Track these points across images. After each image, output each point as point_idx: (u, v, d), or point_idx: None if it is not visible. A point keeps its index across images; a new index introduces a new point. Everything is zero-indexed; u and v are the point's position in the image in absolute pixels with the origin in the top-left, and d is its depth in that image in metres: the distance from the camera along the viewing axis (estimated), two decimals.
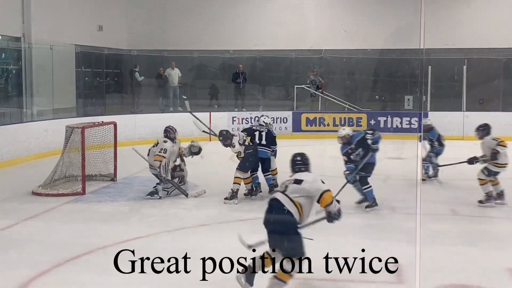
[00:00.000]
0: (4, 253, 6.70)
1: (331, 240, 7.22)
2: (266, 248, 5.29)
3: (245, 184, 9.57)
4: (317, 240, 7.21)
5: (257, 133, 9.89)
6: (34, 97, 16.33)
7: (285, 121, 18.72)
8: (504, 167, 9.13)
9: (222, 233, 7.67)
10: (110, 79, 20.40)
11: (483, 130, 9.41)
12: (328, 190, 5.26)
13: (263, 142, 9.86)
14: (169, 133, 9.77)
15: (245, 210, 8.83)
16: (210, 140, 17.21)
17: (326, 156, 14.30)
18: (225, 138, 9.70)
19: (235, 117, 18.22)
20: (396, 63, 21.70)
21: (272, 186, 9.72)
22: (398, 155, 11.11)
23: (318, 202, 5.29)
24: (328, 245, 7.00)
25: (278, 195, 5.34)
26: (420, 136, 11.05)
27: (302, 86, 20.14)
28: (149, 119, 16.95)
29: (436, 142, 11.19)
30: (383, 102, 21.03)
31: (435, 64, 18.85)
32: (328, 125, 18.75)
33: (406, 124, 18.46)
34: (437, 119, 17.78)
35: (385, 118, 18.56)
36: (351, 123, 18.67)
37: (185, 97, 19.81)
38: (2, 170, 11.90)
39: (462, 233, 7.66)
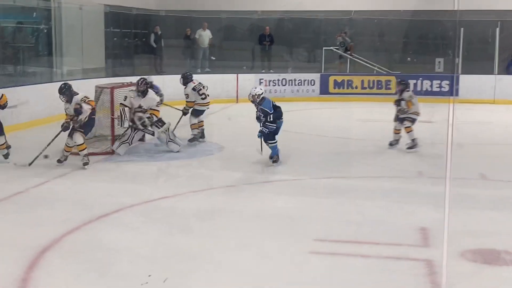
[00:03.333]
0: (35, 211, 6.83)
1: (357, 204, 7.24)
2: None
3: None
4: (343, 203, 7.26)
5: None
6: (64, 57, 16.41)
7: (312, 83, 18.58)
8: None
9: (248, 194, 7.72)
10: (138, 40, 20.39)
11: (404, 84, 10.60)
12: None
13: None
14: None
15: (270, 172, 8.85)
16: (237, 102, 17.27)
17: (354, 119, 14.26)
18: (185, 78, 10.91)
19: (262, 79, 18.14)
20: (428, 25, 21.28)
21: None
22: (428, 119, 10.99)
23: None
24: (354, 208, 7.03)
25: None
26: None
27: (331, 48, 19.91)
28: (177, 80, 16.94)
29: None
30: (413, 65, 20.70)
31: (468, 26, 18.45)
32: (356, 87, 18.59)
33: (437, 87, 18.21)
34: (468, 82, 17.63)
35: (415, 81, 18.30)
36: (379, 86, 18.48)
37: (214, 58, 19.80)
38: (34, 128, 12.07)
39: (490, 198, 7.59)
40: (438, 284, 4.73)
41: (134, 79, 12.37)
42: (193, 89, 10.84)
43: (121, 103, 9.94)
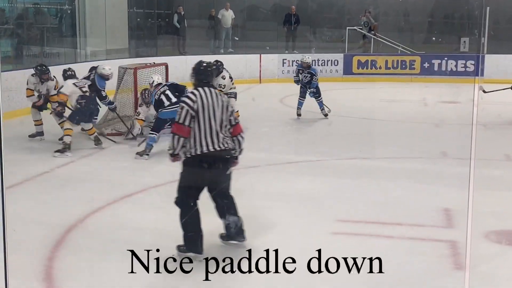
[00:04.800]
0: (60, 191, 6.92)
1: (381, 184, 7.21)
2: None
3: None
4: (367, 184, 7.23)
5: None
6: (88, 38, 16.50)
7: (336, 63, 18.45)
8: None
9: (271, 175, 7.73)
10: (161, 20, 20.40)
11: None
12: None
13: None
14: None
15: (292, 152, 8.84)
16: (260, 82, 17.24)
17: (377, 100, 14.16)
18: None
19: (285, 59, 18.06)
20: (453, 4, 20.97)
21: None
22: (453, 99, 10.89)
23: None
24: (378, 189, 7.00)
25: None
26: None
27: (355, 27, 19.72)
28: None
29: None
30: (438, 44, 20.44)
31: (494, 5, 18.12)
32: (380, 68, 18.42)
33: (462, 67, 17.97)
34: (494, 61, 17.36)
35: (439, 61, 18.09)
36: (404, 66, 18.30)
37: (237, 38, 19.72)
38: None
39: None
40: (462, 265, 4.70)
41: (157, 59, 12.48)
42: (230, 77, 10.61)
43: (136, 117, 9.57)
